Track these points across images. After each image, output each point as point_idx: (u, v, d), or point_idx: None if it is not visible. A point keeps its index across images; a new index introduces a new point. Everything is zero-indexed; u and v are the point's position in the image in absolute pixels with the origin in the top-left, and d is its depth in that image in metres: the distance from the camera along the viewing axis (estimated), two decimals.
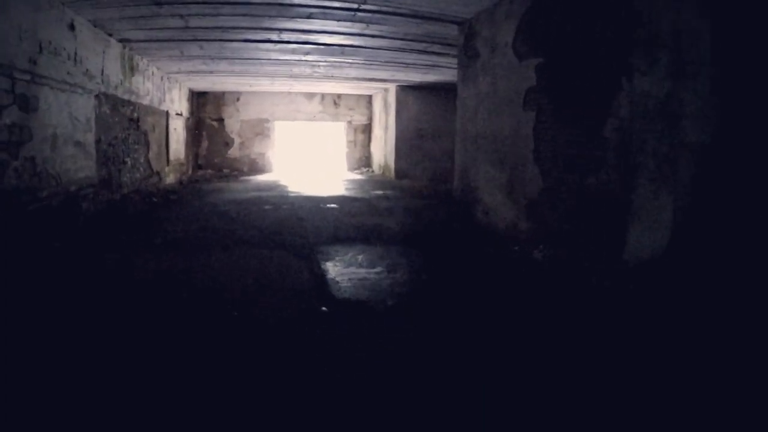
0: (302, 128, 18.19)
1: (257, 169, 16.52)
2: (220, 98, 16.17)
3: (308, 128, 18.26)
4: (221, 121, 16.35)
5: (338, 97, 16.72)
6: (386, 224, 7.17)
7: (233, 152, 16.48)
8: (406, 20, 6.66)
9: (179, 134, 13.04)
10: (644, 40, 4.25)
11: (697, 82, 4.59)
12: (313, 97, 16.55)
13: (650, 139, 4.41)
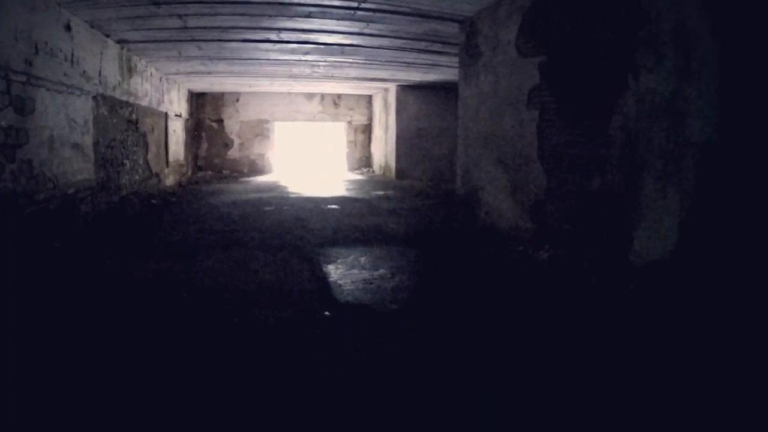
0: (302, 129, 18.13)
1: (257, 170, 16.44)
2: (219, 99, 16.09)
3: (308, 129, 18.19)
4: (220, 122, 16.27)
5: (338, 97, 16.65)
6: (388, 225, 7.10)
7: (233, 153, 16.41)
8: (406, 19, 6.59)
9: (178, 135, 12.96)
10: (650, 37, 4.18)
11: (701, 80, 4.51)
12: (312, 97, 16.47)
13: (656, 137, 4.33)
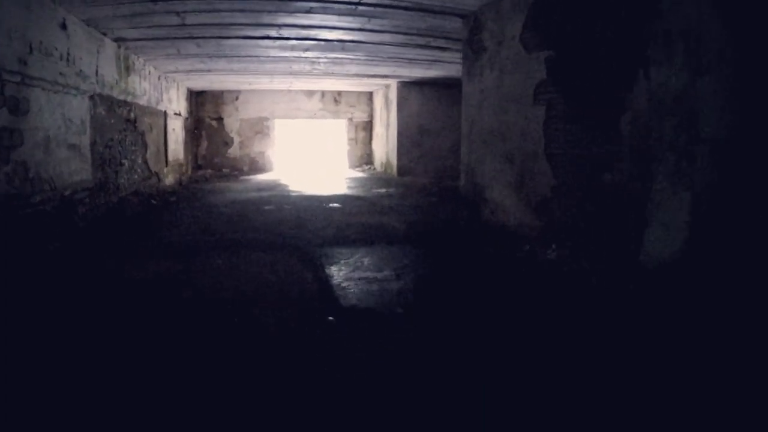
0: (302, 126, 18.00)
1: (257, 168, 16.32)
2: (218, 97, 15.97)
3: (308, 126, 18.06)
4: (220, 120, 16.15)
5: (339, 94, 16.51)
6: (391, 224, 6.98)
7: (233, 152, 16.29)
8: (408, 14, 6.46)
9: (178, 134, 12.83)
10: (662, 31, 4.05)
11: (712, 75, 4.40)
12: (313, 94, 16.34)
13: (667, 133, 4.22)
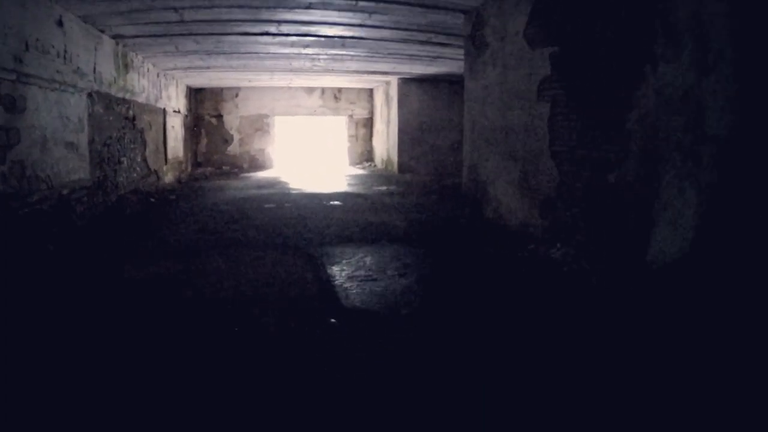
0: (303, 123, 17.91)
1: (257, 165, 16.24)
2: (218, 94, 15.87)
3: (309, 123, 17.97)
4: (220, 117, 16.06)
5: (339, 91, 16.41)
6: (393, 222, 6.91)
7: (233, 149, 16.21)
8: (409, 9, 6.37)
9: (177, 132, 12.75)
10: (669, 27, 3.98)
11: (719, 72, 4.33)
12: (313, 91, 16.25)
13: (675, 131, 4.14)
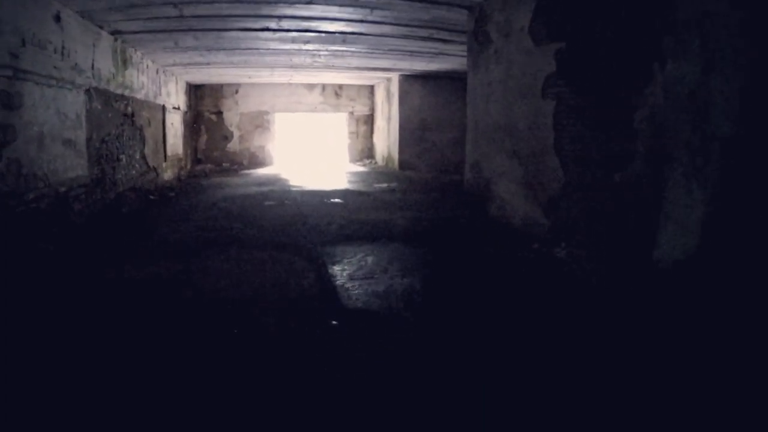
0: (303, 120, 17.81)
1: (257, 162, 16.15)
2: (218, 91, 15.77)
3: (309, 120, 17.87)
4: (220, 114, 15.96)
5: (339, 87, 16.31)
6: (395, 220, 6.83)
7: (233, 146, 16.12)
8: (412, 5, 6.28)
9: (177, 129, 12.66)
10: (677, 24, 3.90)
11: (726, 70, 4.27)
12: (313, 87, 16.15)
13: (682, 130, 4.06)
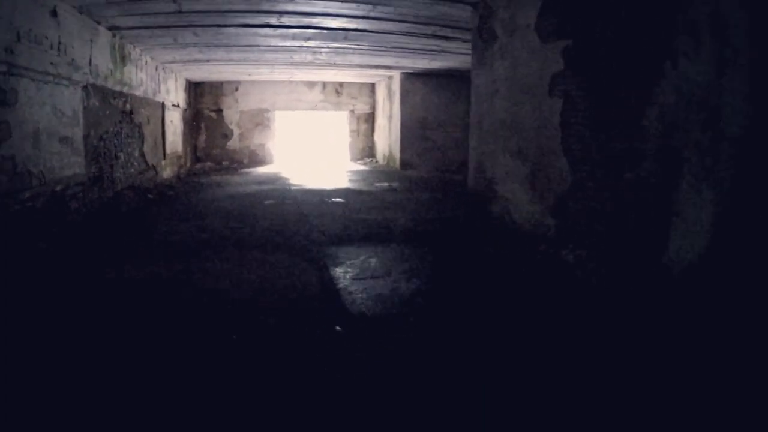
0: (303, 118, 17.69)
1: (257, 160, 16.04)
2: (218, 88, 15.65)
3: (309, 118, 17.75)
4: (220, 111, 15.84)
5: (340, 85, 16.19)
6: (397, 220, 6.73)
7: (232, 144, 16.00)
8: (415, 1, 6.17)
9: (176, 126, 12.54)
10: (689, 22, 3.80)
11: (736, 70, 4.17)
12: (314, 85, 16.03)
13: (693, 130, 3.96)
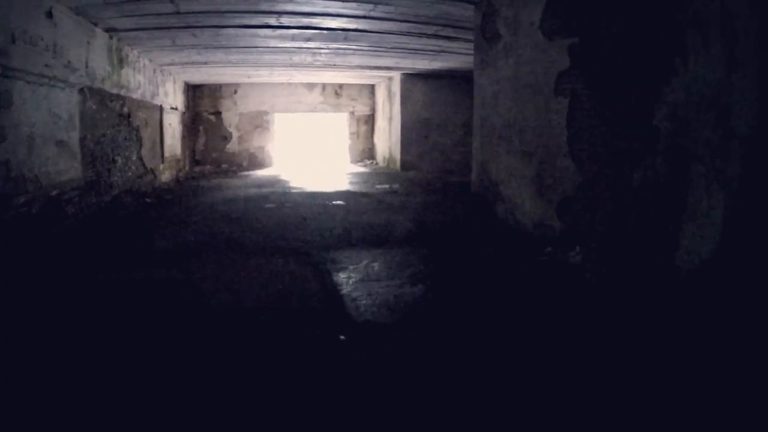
0: (303, 120, 17.60)
1: (256, 163, 15.93)
2: (216, 91, 15.55)
3: (309, 120, 17.66)
4: (218, 114, 15.74)
5: (340, 87, 16.10)
6: (399, 223, 6.62)
7: (231, 147, 15.89)
8: (416, 0, 6.08)
9: (174, 129, 12.44)
10: (699, 17, 3.70)
11: (746, 68, 4.09)
12: (313, 87, 15.93)
13: (704, 128, 3.86)
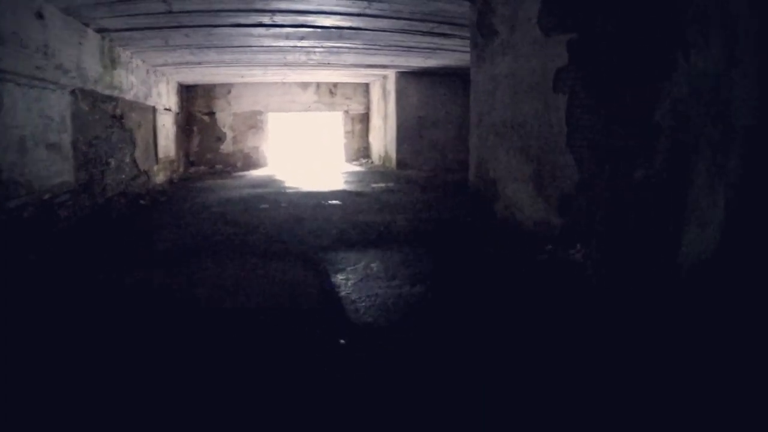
0: (297, 119, 17.51)
1: (251, 163, 15.84)
2: (210, 91, 15.44)
3: (303, 119, 17.58)
4: (212, 115, 15.62)
5: (334, 86, 16.02)
6: (397, 222, 6.57)
7: (226, 147, 15.79)
8: None
9: (168, 130, 12.33)
10: (701, 13, 3.67)
11: (746, 63, 4.10)
12: (308, 86, 15.84)
13: (705, 124, 3.85)
